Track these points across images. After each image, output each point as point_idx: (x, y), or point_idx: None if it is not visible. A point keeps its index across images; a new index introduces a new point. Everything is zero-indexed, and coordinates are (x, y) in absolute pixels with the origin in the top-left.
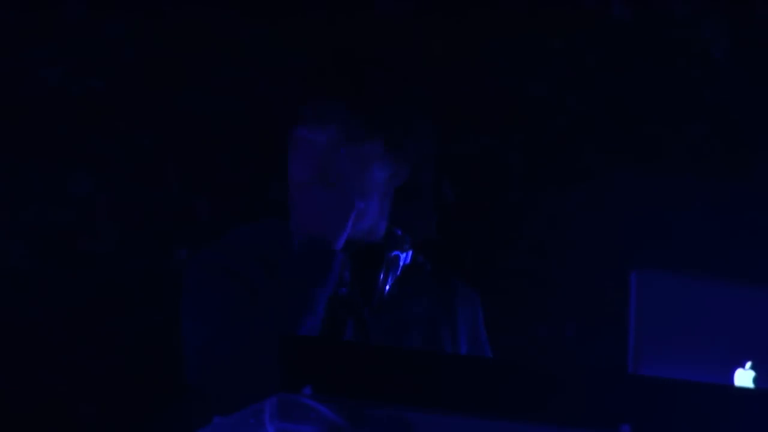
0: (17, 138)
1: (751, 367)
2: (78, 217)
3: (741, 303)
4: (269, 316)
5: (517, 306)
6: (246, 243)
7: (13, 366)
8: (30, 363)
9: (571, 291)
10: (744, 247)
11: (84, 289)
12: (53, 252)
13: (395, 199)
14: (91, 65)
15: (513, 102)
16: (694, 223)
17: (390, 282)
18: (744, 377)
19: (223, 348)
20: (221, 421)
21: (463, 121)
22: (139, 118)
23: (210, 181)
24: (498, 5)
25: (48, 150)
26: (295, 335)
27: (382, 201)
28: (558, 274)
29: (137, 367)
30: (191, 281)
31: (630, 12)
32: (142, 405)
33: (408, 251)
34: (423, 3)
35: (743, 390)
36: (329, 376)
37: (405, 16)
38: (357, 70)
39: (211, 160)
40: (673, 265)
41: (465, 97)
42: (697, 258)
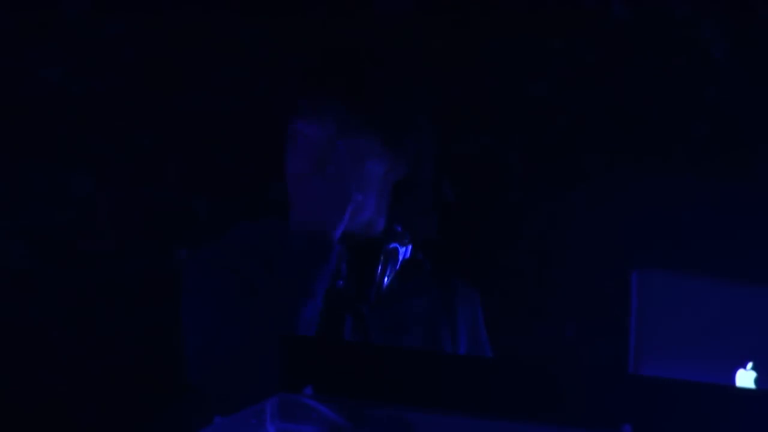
0: (17, 138)
1: (753, 368)
2: (78, 217)
3: (742, 303)
4: (269, 309)
5: (517, 306)
6: (246, 242)
7: (13, 366)
8: (30, 363)
9: (571, 291)
10: (744, 247)
11: (84, 289)
12: (53, 252)
13: (395, 197)
14: (91, 65)
15: (513, 102)
16: (694, 223)
17: (388, 275)
18: (745, 378)
19: (224, 347)
20: (222, 421)
21: (463, 121)
22: (139, 118)
23: (210, 181)
24: (498, 5)
25: (48, 150)
26: (296, 335)
27: (380, 196)
28: (558, 274)
29: (137, 367)
30: (191, 280)
31: (630, 12)
32: (142, 405)
33: (407, 245)
34: (423, 2)
35: (744, 390)
36: (330, 376)
37: (405, 15)
38: (354, 64)
39: (211, 160)
40: (674, 265)
41: (465, 97)
42: (698, 258)
